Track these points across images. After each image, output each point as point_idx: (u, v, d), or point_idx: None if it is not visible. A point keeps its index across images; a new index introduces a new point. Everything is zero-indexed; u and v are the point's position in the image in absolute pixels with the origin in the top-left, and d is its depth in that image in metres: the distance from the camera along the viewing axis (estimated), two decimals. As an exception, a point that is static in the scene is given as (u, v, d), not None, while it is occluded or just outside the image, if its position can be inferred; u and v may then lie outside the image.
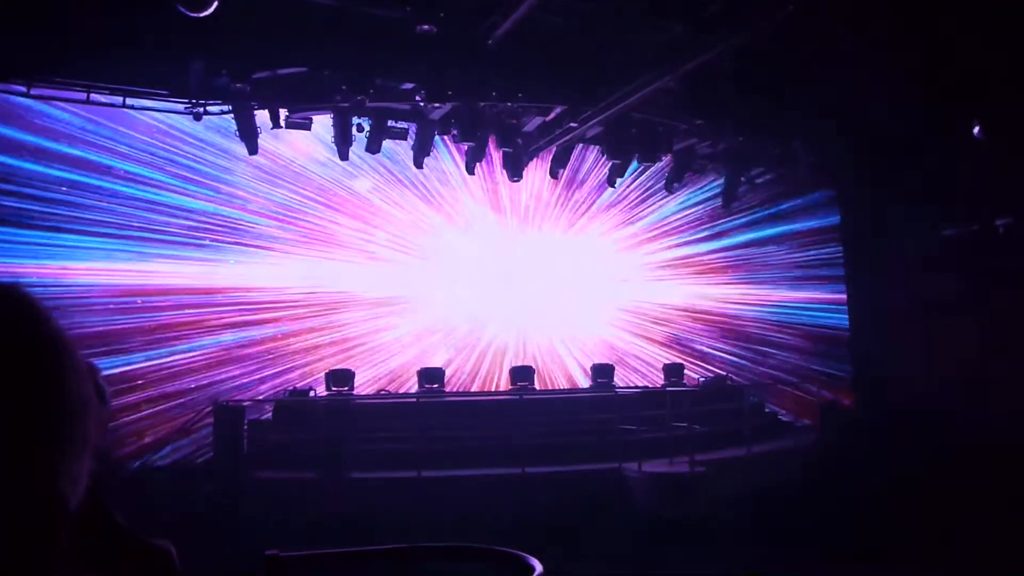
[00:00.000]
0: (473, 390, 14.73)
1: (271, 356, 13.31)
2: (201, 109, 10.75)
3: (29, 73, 9.90)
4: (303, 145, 13.25)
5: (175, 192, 12.67)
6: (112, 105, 10.87)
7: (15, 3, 8.21)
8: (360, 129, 11.64)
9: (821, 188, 15.37)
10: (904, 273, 13.53)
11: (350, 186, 14.29)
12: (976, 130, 11.39)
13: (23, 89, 10.10)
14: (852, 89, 10.90)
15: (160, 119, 11.76)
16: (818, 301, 15.77)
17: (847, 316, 15.06)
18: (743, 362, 15.97)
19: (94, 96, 10.52)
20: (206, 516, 8.42)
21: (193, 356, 12.57)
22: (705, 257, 16.59)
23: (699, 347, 16.22)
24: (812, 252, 15.86)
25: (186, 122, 11.52)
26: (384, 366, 14.16)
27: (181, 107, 10.74)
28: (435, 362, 14.06)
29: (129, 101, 10.69)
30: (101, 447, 0.73)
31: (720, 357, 16.08)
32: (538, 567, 2.58)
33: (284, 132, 11.87)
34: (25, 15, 8.27)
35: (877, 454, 10.52)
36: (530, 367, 14.15)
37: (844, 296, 15.16)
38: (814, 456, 11.45)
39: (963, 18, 8.99)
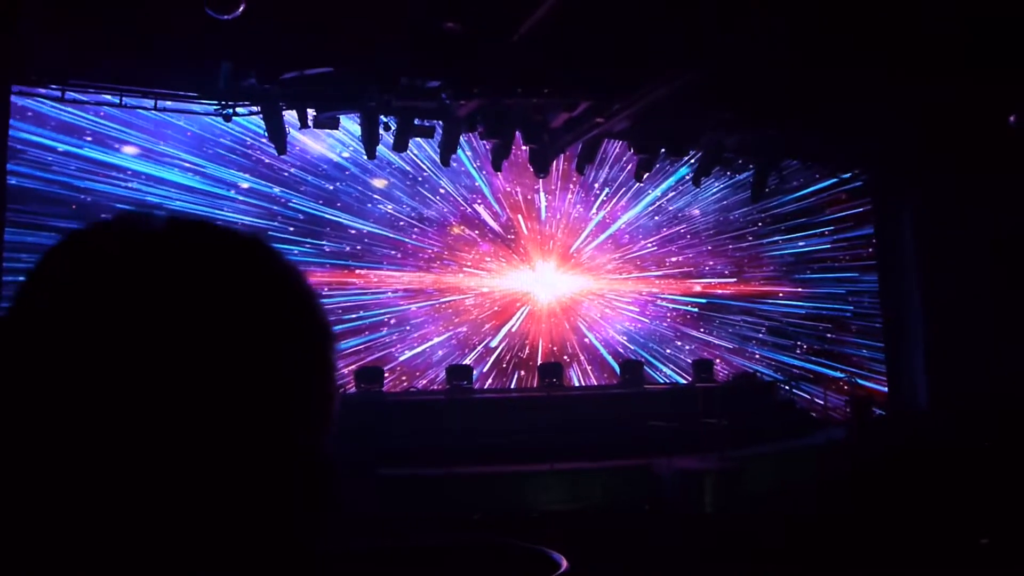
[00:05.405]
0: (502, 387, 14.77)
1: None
2: (231, 111, 10.88)
3: (63, 77, 10.08)
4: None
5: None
6: (144, 108, 11.04)
7: (47, 8, 8.35)
8: (387, 128, 11.69)
9: (856, 181, 15.17)
10: (943, 264, 13.22)
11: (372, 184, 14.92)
12: (1012, 119, 11.13)
13: (58, 94, 10.28)
14: (892, 77, 10.62)
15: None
16: (851, 292, 15.63)
17: (880, 311, 14.83)
18: (777, 356, 15.83)
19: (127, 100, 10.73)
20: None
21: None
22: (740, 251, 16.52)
23: (729, 343, 16.09)
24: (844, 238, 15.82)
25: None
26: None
27: (211, 109, 10.88)
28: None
29: (160, 103, 10.86)
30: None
31: (752, 351, 15.94)
32: (564, 563, 2.58)
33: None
34: (57, 19, 8.41)
35: (908, 451, 10.35)
36: (559, 364, 14.12)
37: (876, 288, 14.94)
38: (846, 453, 11.30)
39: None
